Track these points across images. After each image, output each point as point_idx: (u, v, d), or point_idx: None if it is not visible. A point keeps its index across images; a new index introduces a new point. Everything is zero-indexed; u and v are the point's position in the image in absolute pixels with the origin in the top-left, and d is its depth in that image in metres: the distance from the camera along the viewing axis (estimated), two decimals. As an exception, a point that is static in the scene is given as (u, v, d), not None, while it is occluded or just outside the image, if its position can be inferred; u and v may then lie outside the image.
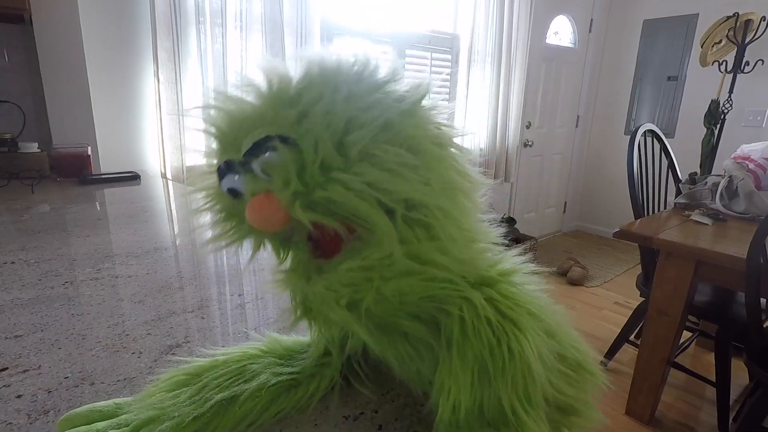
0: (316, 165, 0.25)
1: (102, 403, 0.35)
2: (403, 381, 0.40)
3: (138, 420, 0.32)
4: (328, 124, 0.25)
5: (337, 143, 0.25)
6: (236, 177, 0.28)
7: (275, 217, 0.26)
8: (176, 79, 1.61)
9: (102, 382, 0.40)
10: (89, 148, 1.44)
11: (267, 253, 0.32)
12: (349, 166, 0.25)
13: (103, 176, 1.40)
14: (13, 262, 0.68)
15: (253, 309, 0.56)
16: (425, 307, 0.30)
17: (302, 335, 0.44)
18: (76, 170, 1.38)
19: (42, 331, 0.49)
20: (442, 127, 0.29)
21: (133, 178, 1.43)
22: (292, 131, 0.26)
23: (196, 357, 0.39)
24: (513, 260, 0.34)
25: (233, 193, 0.29)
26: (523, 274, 0.33)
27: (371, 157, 0.25)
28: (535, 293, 0.33)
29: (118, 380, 0.41)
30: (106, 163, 1.56)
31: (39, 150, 1.40)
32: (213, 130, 0.29)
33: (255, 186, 0.27)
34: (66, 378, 0.41)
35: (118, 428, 0.32)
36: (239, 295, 0.60)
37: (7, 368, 0.42)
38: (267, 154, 0.26)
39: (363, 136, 0.25)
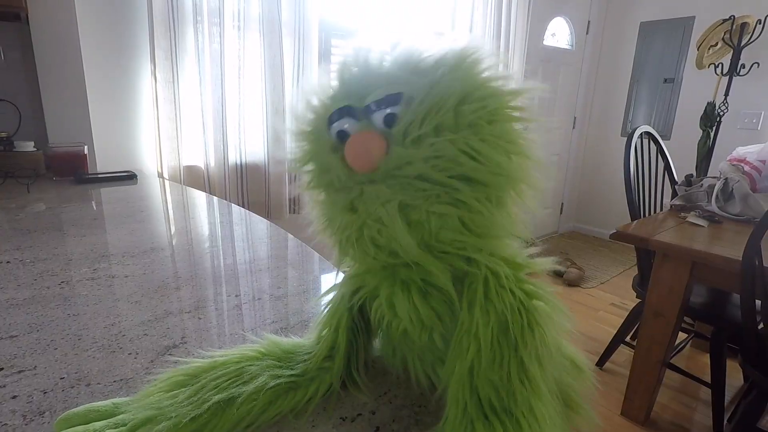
0: (433, 124, 0.30)
1: (100, 402, 0.35)
2: (401, 382, 0.40)
3: (135, 420, 0.32)
4: (452, 93, 0.30)
5: (454, 110, 0.30)
6: (348, 122, 0.32)
7: (375, 149, 0.31)
8: (173, 79, 1.61)
9: (98, 383, 0.40)
10: (85, 147, 1.43)
11: (265, 253, 0.33)
12: (459, 130, 0.30)
13: (99, 175, 1.39)
14: (8, 262, 0.68)
15: (250, 310, 0.56)
16: (454, 260, 0.32)
17: (299, 337, 0.44)
18: (72, 169, 1.37)
19: (37, 331, 0.49)
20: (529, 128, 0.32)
21: (129, 177, 1.42)
22: (421, 94, 0.30)
23: (195, 358, 0.39)
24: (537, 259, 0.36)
25: (341, 136, 0.33)
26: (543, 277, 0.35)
27: (476, 126, 0.30)
28: (551, 293, 0.34)
29: (114, 381, 0.41)
30: (103, 162, 1.56)
31: (35, 149, 1.39)
32: (346, 73, 0.33)
33: (368, 128, 0.32)
34: (62, 379, 0.41)
35: (116, 428, 0.32)
36: (236, 296, 0.60)
37: (2, 369, 0.42)
38: (391, 108, 0.31)
39: (475, 108, 0.30)
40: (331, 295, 0.41)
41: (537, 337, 0.31)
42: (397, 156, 0.31)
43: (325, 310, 0.40)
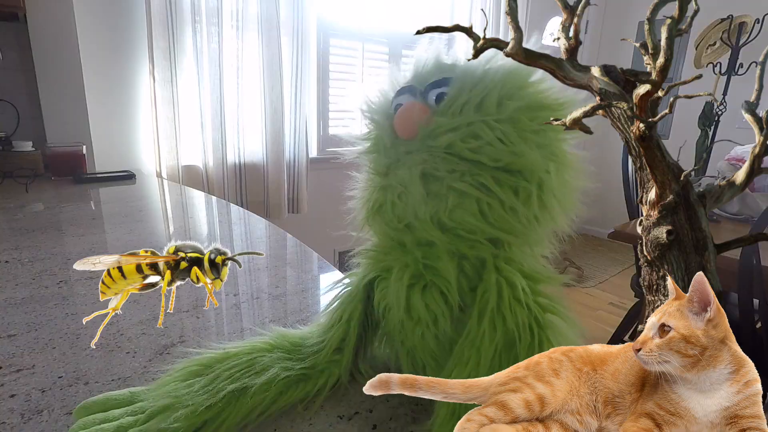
0: (473, 104, 0.33)
1: (117, 391, 0.36)
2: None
3: (154, 407, 0.33)
4: (503, 84, 0.33)
5: (497, 100, 0.33)
6: (406, 98, 0.36)
7: (416, 116, 0.34)
8: (172, 78, 1.61)
9: (96, 382, 0.40)
10: (84, 146, 1.43)
11: (264, 253, 0.33)
12: (499, 118, 0.32)
13: (97, 175, 1.39)
14: (7, 261, 0.68)
15: (248, 309, 0.56)
16: (462, 247, 0.33)
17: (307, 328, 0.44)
18: (71, 169, 1.37)
19: (36, 330, 0.49)
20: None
21: (128, 177, 1.42)
22: (471, 81, 0.34)
23: (207, 349, 0.39)
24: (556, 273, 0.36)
25: (396, 108, 0.36)
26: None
27: (516, 121, 0.32)
28: (566, 307, 0.34)
29: (113, 380, 0.41)
30: (101, 162, 1.56)
31: (33, 149, 1.39)
32: (420, 63, 0.38)
33: (417, 101, 0.35)
34: (60, 377, 0.41)
35: (134, 415, 0.33)
36: (234, 295, 0.60)
37: (0, 368, 0.42)
38: (443, 89, 0.34)
39: (518, 106, 0.33)
40: (342, 287, 0.41)
41: None
42: (436, 124, 0.33)
43: (337, 301, 0.41)
